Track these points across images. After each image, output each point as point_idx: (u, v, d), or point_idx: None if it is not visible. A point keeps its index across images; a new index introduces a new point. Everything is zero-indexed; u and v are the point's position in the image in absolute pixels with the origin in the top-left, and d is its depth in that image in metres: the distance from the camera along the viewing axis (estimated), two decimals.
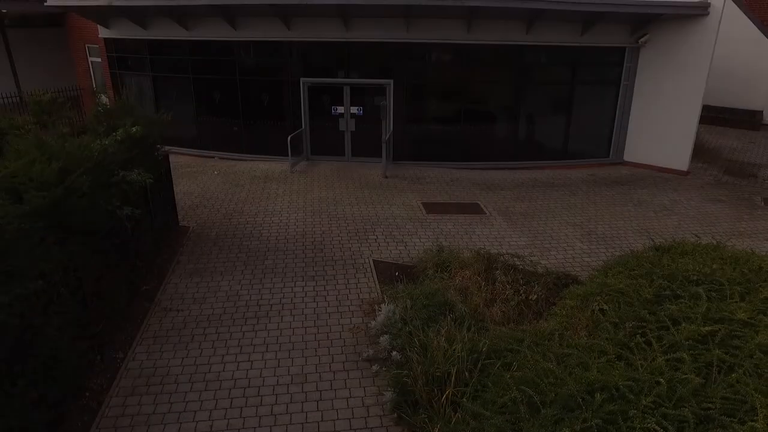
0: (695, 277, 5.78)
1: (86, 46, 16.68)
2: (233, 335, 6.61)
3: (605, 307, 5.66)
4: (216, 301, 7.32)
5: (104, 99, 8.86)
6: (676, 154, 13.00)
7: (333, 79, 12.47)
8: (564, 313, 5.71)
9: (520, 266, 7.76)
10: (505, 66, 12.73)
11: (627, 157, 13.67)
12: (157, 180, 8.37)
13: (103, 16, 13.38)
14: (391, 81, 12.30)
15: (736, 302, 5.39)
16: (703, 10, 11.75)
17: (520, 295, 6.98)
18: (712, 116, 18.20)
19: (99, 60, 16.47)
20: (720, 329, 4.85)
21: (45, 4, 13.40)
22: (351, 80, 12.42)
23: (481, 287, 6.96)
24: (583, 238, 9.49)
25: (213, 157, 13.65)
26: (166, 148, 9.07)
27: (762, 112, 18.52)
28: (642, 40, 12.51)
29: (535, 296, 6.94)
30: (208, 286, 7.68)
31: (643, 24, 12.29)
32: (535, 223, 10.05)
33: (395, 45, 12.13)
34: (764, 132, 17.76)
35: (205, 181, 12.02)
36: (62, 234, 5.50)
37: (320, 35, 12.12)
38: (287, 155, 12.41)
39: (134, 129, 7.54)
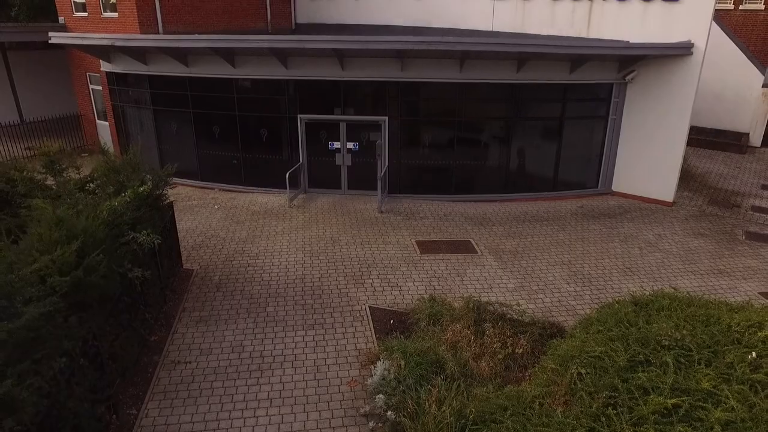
0: (667, 342, 6.26)
1: (87, 73, 16.99)
2: (239, 389, 7.05)
3: (583, 371, 6.14)
4: (221, 352, 7.76)
5: (111, 151, 9.21)
6: (662, 185, 13.47)
7: (330, 115, 12.89)
8: (545, 377, 6.17)
9: (509, 315, 8.25)
10: (496, 102, 13.16)
11: (615, 188, 14.14)
12: (163, 229, 8.82)
13: (105, 53, 13.74)
14: (386, 118, 12.73)
15: (703, 369, 5.87)
16: (686, 51, 12.20)
17: (507, 348, 7.46)
18: (701, 139, 18.71)
19: (99, 88, 16.82)
20: (684, 401, 5.32)
21: (49, 41, 13.76)
22: (347, 117, 12.84)
23: (470, 341, 7.43)
24: (570, 279, 9.95)
25: (213, 189, 14.05)
26: (169, 193, 9.48)
27: (748, 134, 19.03)
28: (629, 77, 12.96)
29: (521, 350, 7.42)
30: (213, 335, 8.12)
31: (629, 63, 12.73)
32: (525, 263, 10.51)
33: (390, 83, 12.55)
34: (750, 155, 18.27)
35: (206, 216, 12.43)
36: (81, 309, 5.93)
37: (317, 74, 12.52)
38: (285, 188, 12.84)
39: (142, 188, 7.96)
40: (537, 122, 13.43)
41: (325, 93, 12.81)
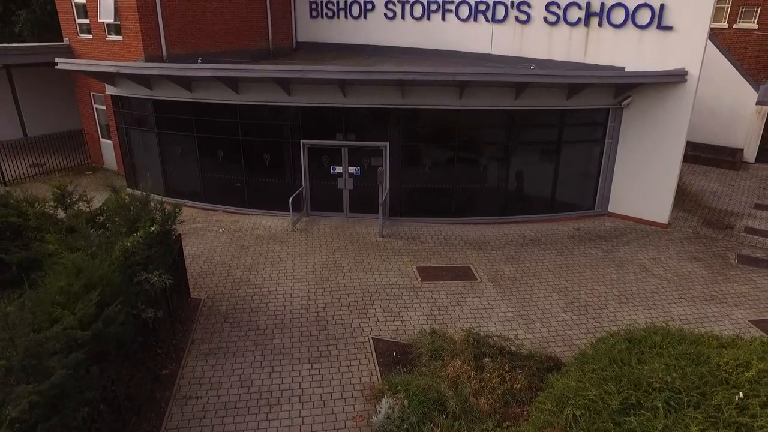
0: (658, 385, 6.56)
1: (91, 93, 17.23)
2: (249, 425, 7.33)
3: (578, 413, 6.44)
4: (231, 386, 8.04)
5: (124, 194, 9.44)
6: (658, 207, 13.77)
7: (332, 141, 13.15)
8: (542, 418, 6.47)
9: (507, 348, 8.55)
10: (495, 127, 13.43)
11: (611, 209, 14.44)
12: (172, 263, 9.10)
13: (110, 78, 13.98)
14: (387, 143, 13.00)
15: (692, 412, 6.18)
16: (681, 78, 12.49)
17: (506, 383, 7.76)
18: (696, 155, 19.00)
19: (104, 108, 17.06)
20: None
21: (56, 67, 13.99)
22: (349, 142, 13.11)
23: (470, 377, 7.73)
24: (567, 307, 10.25)
25: (217, 211, 14.31)
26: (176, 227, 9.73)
27: (743, 150, 19.35)
28: (625, 102, 13.25)
29: (519, 385, 7.72)
30: (222, 368, 8.39)
31: (625, 89, 13.01)
32: (522, 290, 10.80)
33: (391, 110, 12.81)
34: (744, 172, 18.59)
35: (210, 241, 12.70)
36: (101, 358, 6.19)
37: (319, 100, 12.78)
38: (288, 211, 13.10)
39: (153, 228, 8.23)
40: (535, 146, 13.71)
41: (327, 119, 13.07)
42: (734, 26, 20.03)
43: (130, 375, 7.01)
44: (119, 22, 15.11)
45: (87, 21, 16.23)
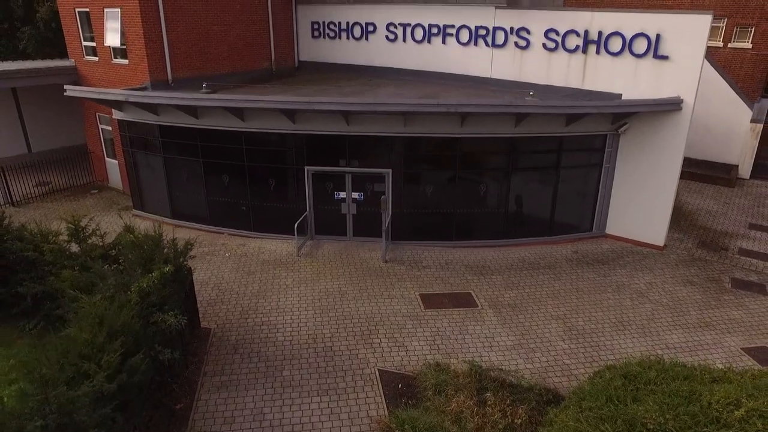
0: (651, 426, 6.90)
1: (97, 114, 17.47)
2: None
3: None
4: (244, 420, 8.34)
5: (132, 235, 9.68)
6: (654, 230, 14.11)
7: (335, 167, 13.44)
8: None
9: (508, 381, 8.88)
10: (495, 153, 13.74)
11: (609, 230, 14.77)
12: (184, 298, 9.40)
13: (118, 105, 14.24)
14: (390, 170, 13.30)
15: None
16: (676, 106, 12.81)
17: (507, 417, 8.09)
18: (692, 172, 19.33)
19: (109, 128, 17.30)
20: None
21: (64, 94, 14.24)
22: (352, 169, 13.40)
23: (473, 412, 8.06)
24: (565, 335, 10.58)
25: (222, 234, 14.61)
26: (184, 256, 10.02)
27: (737, 166, 19.70)
28: (622, 129, 13.56)
29: (520, 420, 8.06)
30: (235, 402, 8.69)
31: (622, 116, 13.32)
32: (522, 317, 11.13)
33: (393, 138, 13.11)
34: (739, 189, 18.95)
35: (218, 266, 12.99)
36: (124, 405, 6.49)
37: (323, 128, 13.06)
38: (293, 234, 13.40)
39: (167, 269, 8.51)
40: (534, 171, 14.03)
41: (331, 146, 13.36)
42: (729, 45, 20.35)
43: (149, 416, 7.33)
44: (125, 47, 15.38)
45: (93, 44, 16.48)
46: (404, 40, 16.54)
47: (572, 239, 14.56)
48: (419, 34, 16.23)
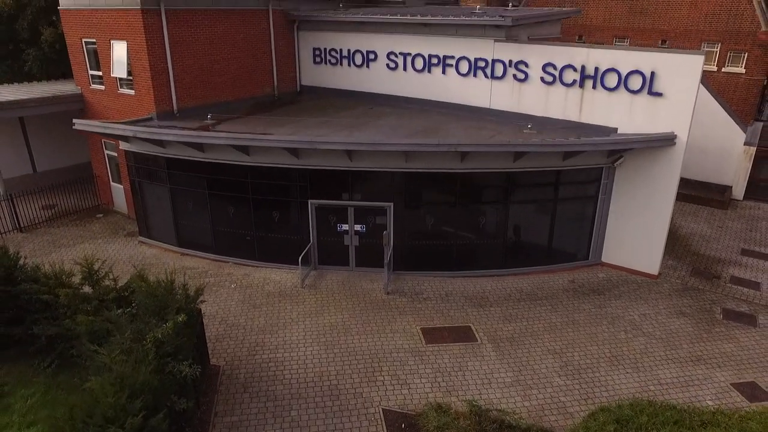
0: None
1: (102, 140, 17.77)
2: None
3: None
4: None
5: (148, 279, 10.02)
6: (648, 259, 14.50)
7: (338, 201, 13.80)
8: None
9: (507, 421, 9.27)
10: (494, 187, 14.12)
11: (605, 259, 15.15)
12: (197, 337, 9.76)
13: (126, 138, 14.56)
14: (392, 203, 13.66)
15: None
16: (670, 142, 13.17)
17: None
18: (687, 193, 19.68)
19: (114, 154, 17.61)
20: None
21: (73, 127, 14.55)
22: (354, 202, 13.76)
23: None
24: (561, 371, 10.97)
25: (227, 263, 14.95)
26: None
27: (731, 187, 20.10)
28: (617, 162, 13.93)
29: None
30: None
31: (618, 151, 13.69)
32: (520, 352, 11.51)
33: (395, 173, 13.46)
34: (732, 211, 19.35)
35: (224, 298, 13.34)
36: None
37: (326, 164, 13.40)
38: (297, 264, 13.75)
39: (180, 318, 8.86)
40: (532, 204, 14.40)
41: (334, 180, 13.70)
42: (723, 70, 20.72)
43: None
44: (132, 78, 15.68)
45: (99, 73, 16.78)
46: (405, 69, 16.87)
47: (569, 268, 14.94)
48: (420, 63, 16.57)
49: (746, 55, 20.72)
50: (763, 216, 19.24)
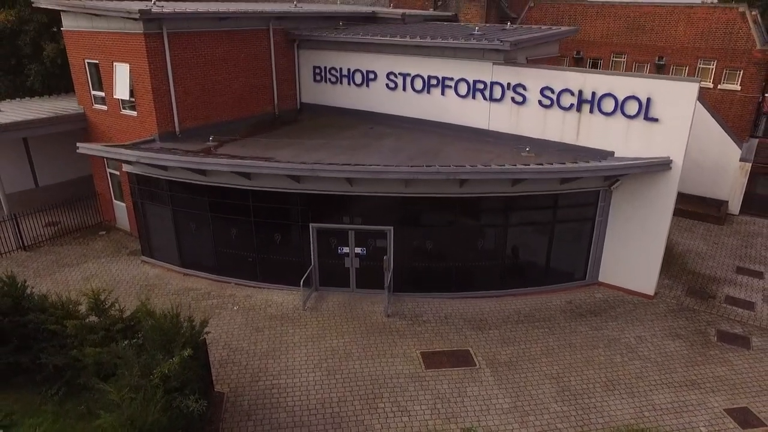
0: None
1: (105, 159, 17.92)
2: None
3: None
4: None
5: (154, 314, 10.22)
6: (644, 279, 14.73)
7: (339, 224, 14.01)
8: None
9: None
10: (493, 211, 14.32)
11: (602, 278, 15.37)
12: (203, 368, 9.97)
13: (129, 162, 14.74)
14: (392, 227, 13.86)
15: None
16: (665, 167, 13.38)
17: None
18: (683, 209, 19.88)
19: (117, 172, 17.78)
20: None
21: (77, 151, 14.73)
22: (355, 226, 13.96)
23: None
24: (558, 397, 11.19)
25: (230, 283, 15.16)
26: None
27: (727, 202, 20.32)
28: (614, 186, 14.14)
29: None
30: None
31: (614, 175, 13.88)
32: (518, 377, 11.73)
33: (395, 198, 13.65)
34: (728, 226, 19.57)
35: (227, 321, 13.53)
36: None
37: (327, 188, 13.57)
38: (298, 285, 13.95)
39: (186, 352, 9.07)
40: (530, 226, 14.62)
41: (334, 204, 13.90)
42: (719, 87, 20.92)
43: None
44: (134, 100, 15.86)
45: (102, 94, 16.94)
46: (404, 89, 17.05)
47: (567, 288, 15.16)
48: (419, 84, 16.75)
49: (741, 72, 20.93)
50: (758, 232, 19.48)
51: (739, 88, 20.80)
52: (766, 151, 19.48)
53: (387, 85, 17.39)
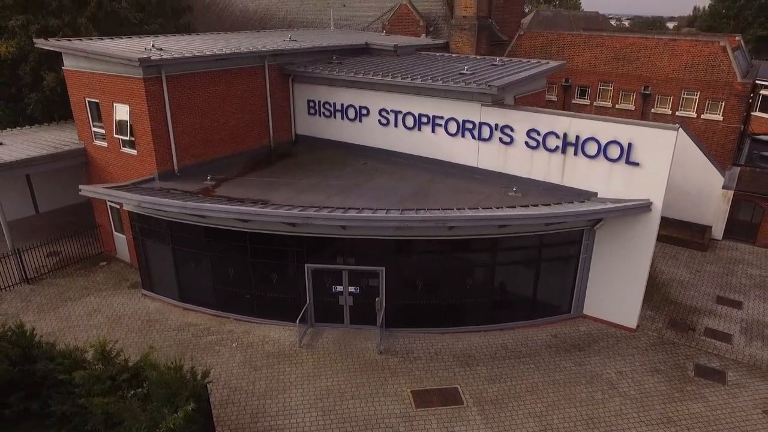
0: None
1: None
2: None
3: None
4: None
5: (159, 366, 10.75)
6: (626, 313, 15.36)
7: (333, 265, 14.57)
8: None
9: None
10: (480, 251, 14.89)
11: (587, 311, 15.99)
12: (205, 415, 10.52)
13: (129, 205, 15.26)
14: (384, 268, 14.42)
15: None
16: (646, 210, 13.97)
17: None
18: (668, 235, 20.50)
19: (117, 206, 18.25)
20: None
21: (80, 193, 15.21)
22: (348, 267, 14.53)
23: None
24: None
25: (228, 319, 15.70)
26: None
27: (711, 227, 20.95)
28: (597, 226, 14.73)
29: None
30: None
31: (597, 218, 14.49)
32: (503, 416, 12.33)
33: (387, 241, 14.20)
34: (711, 253, 20.21)
35: (226, 359, 14.07)
36: None
37: (321, 232, 14.12)
38: (295, 321, 14.54)
39: (190, 407, 9.62)
40: (516, 265, 15.20)
41: (329, 246, 14.46)
42: (702, 116, 21.51)
43: None
44: (134, 139, 16.33)
45: (102, 131, 17.40)
46: (396, 125, 17.58)
47: (552, 321, 15.77)
48: (410, 121, 17.28)
49: (723, 103, 21.53)
50: (739, 258, 20.13)
51: (721, 118, 21.41)
52: (748, 179, 20.11)
53: (379, 120, 17.91)
